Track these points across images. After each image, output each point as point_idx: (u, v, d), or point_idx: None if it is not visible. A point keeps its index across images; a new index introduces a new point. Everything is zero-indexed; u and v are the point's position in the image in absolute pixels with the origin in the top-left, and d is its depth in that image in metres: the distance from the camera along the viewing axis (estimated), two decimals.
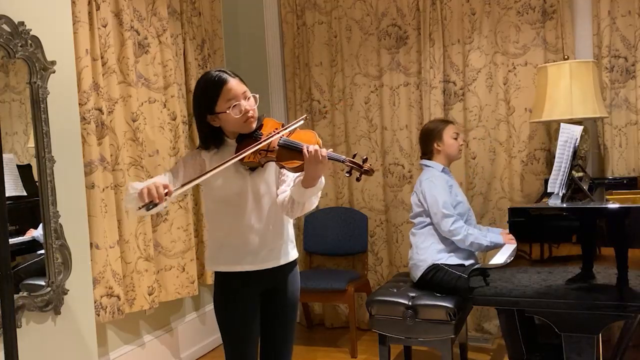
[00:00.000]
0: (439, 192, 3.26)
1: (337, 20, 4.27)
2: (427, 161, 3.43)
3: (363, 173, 2.04)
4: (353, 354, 3.84)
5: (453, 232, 3.19)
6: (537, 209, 2.62)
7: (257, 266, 2.21)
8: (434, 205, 3.25)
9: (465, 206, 3.39)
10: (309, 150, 1.99)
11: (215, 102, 2.12)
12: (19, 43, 2.35)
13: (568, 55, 3.67)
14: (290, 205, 2.17)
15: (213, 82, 2.12)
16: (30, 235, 2.53)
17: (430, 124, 3.50)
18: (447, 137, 3.39)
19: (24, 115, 2.48)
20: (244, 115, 2.12)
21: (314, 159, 1.99)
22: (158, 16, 3.58)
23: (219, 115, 2.13)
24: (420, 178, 3.40)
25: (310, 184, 2.04)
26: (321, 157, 1.98)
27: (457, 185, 3.47)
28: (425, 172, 3.41)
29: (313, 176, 2.02)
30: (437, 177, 3.32)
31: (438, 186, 3.28)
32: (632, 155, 3.65)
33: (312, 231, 4.34)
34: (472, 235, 3.19)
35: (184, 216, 3.69)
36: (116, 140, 3.22)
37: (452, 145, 3.40)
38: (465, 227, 3.21)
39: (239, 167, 2.17)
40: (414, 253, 3.34)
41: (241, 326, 2.22)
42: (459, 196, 3.37)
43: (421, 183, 3.35)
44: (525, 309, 2.59)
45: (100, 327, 3.10)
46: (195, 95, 2.20)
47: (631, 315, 2.62)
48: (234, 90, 2.11)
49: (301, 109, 4.39)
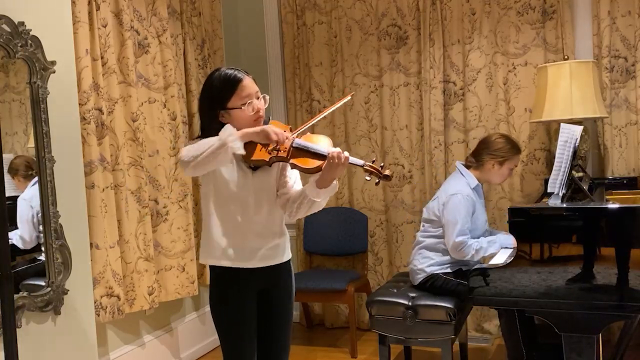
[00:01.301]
0: (461, 215, 3.05)
1: (337, 20, 4.27)
2: (465, 169, 3.25)
3: (382, 179, 2.11)
4: (353, 354, 3.84)
5: (460, 255, 3.07)
6: (537, 209, 2.62)
7: (255, 264, 2.21)
8: (450, 228, 3.08)
9: (484, 227, 3.22)
10: (332, 153, 2.05)
11: (229, 98, 2.14)
12: (19, 43, 2.35)
13: (568, 55, 3.67)
14: (298, 205, 2.18)
15: (229, 78, 2.14)
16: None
17: (507, 141, 3.21)
18: (507, 167, 3.19)
19: (24, 115, 2.48)
20: (255, 114, 2.16)
21: (336, 161, 2.04)
22: (158, 16, 3.58)
23: (230, 111, 2.14)
24: (447, 189, 3.19)
25: (326, 185, 2.10)
26: (344, 159, 2.05)
27: (482, 205, 3.29)
28: (456, 182, 3.20)
29: (331, 178, 2.10)
30: (465, 197, 3.10)
31: (462, 209, 3.06)
32: (632, 155, 3.65)
33: (312, 231, 4.34)
34: (480, 250, 3.02)
35: (184, 216, 3.69)
36: (116, 140, 3.22)
37: (503, 176, 3.23)
38: (473, 246, 3.03)
39: (242, 165, 2.18)
40: (414, 258, 3.30)
41: (239, 323, 2.22)
42: (480, 219, 3.18)
43: (447, 196, 3.13)
44: (525, 309, 2.59)
45: (100, 327, 3.10)
46: (207, 89, 2.20)
47: (631, 315, 2.62)
48: (248, 88, 2.15)
49: (301, 109, 4.39)
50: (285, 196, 2.23)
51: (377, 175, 2.11)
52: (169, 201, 3.61)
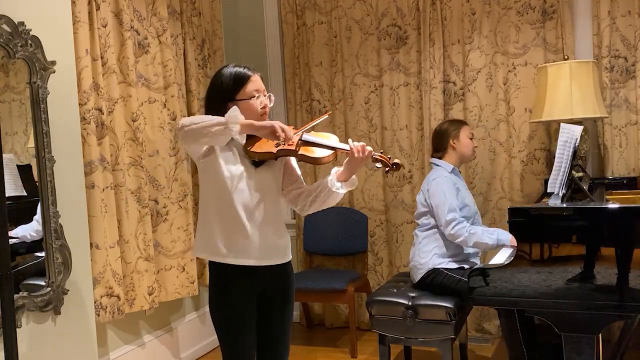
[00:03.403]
0: (445, 194, 3.19)
1: (337, 20, 4.27)
2: (437, 160, 3.38)
3: (391, 167, 2.15)
4: (353, 354, 3.84)
5: (454, 235, 3.14)
6: (537, 209, 2.62)
7: (255, 262, 2.21)
8: (439, 208, 3.19)
9: (472, 209, 3.32)
10: (357, 147, 2.10)
11: (239, 91, 2.19)
12: (19, 43, 2.35)
13: (568, 55, 3.67)
14: (313, 198, 2.21)
15: (241, 72, 2.22)
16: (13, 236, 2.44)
17: (446, 123, 3.44)
18: (463, 136, 3.35)
19: (24, 115, 2.48)
20: (262, 109, 2.21)
21: (360, 155, 2.10)
22: (158, 16, 3.58)
23: (239, 102, 2.17)
24: (428, 177, 3.35)
25: (347, 178, 2.16)
26: (367, 153, 2.11)
27: (465, 187, 3.42)
28: (434, 171, 3.36)
29: (352, 171, 2.16)
30: (445, 177, 3.26)
31: (445, 188, 3.21)
32: (632, 155, 3.65)
33: (312, 231, 4.34)
34: (474, 234, 3.11)
35: (184, 216, 3.69)
36: (116, 140, 3.22)
37: (468, 145, 3.37)
38: (467, 227, 3.14)
39: (245, 161, 2.18)
40: (415, 254, 3.32)
41: (238, 321, 2.21)
42: (467, 199, 3.31)
43: (429, 183, 3.29)
44: (525, 309, 2.59)
45: (100, 327, 3.10)
46: (216, 83, 2.23)
47: (631, 315, 2.62)
48: (258, 83, 2.24)
49: (301, 109, 4.40)
50: (298, 190, 2.26)
51: (385, 164, 2.15)
52: (169, 201, 3.61)
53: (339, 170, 2.18)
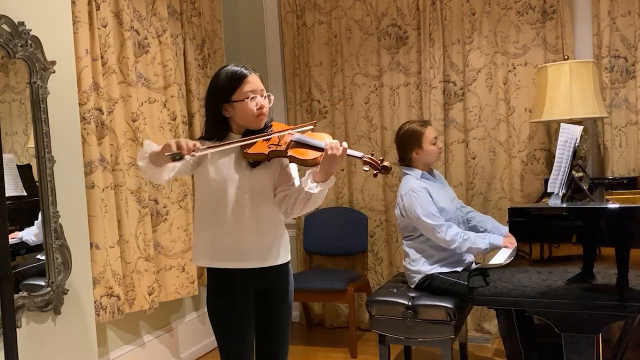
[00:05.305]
0: (421, 205, 3.12)
1: (337, 20, 4.27)
2: (405, 168, 3.30)
3: (381, 170, 2.09)
4: (353, 354, 3.84)
5: (449, 242, 3.09)
6: (537, 209, 2.62)
7: (251, 264, 2.20)
8: (419, 221, 3.13)
9: (450, 212, 3.22)
10: (331, 143, 2.04)
11: (234, 91, 2.17)
12: (19, 43, 2.35)
13: (568, 55, 3.67)
14: (294, 201, 2.16)
15: (237, 72, 2.19)
16: (15, 236, 2.45)
17: (408, 129, 3.28)
18: (426, 145, 3.23)
19: (24, 115, 2.48)
20: (258, 110, 2.17)
21: (334, 152, 2.02)
22: (158, 16, 3.58)
23: (234, 103, 2.16)
24: (400, 191, 3.25)
25: (323, 178, 2.07)
26: (342, 150, 2.03)
27: (440, 187, 3.33)
28: (404, 182, 3.26)
29: (328, 170, 2.06)
30: (416, 189, 3.17)
31: (417, 200, 3.13)
32: (632, 155, 3.65)
33: (312, 231, 4.34)
34: (468, 240, 3.08)
35: (184, 216, 3.69)
36: (116, 140, 3.23)
37: (431, 152, 3.25)
38: (460, 233, 3.09)
39: (240, 162, 2.17)
40: (406, 263, 3.30)
41: (235, 322, 2.21)
42: (442, 202, 3.20)
43: (402, 198, 3.21)
44: (525, 309, 2.59)
45: (100, 327, 3.10)
46: (214, 83, 2.23)
47: (631, 315, 2.62)
48: (253, 84, 2.19)
49: (301, 109, 4.40)
50: (284, 193, 2.21)
51: (375, 167, 2.10)
52: (169, 201, 3.61)
53: (315, 170, 2.09)
